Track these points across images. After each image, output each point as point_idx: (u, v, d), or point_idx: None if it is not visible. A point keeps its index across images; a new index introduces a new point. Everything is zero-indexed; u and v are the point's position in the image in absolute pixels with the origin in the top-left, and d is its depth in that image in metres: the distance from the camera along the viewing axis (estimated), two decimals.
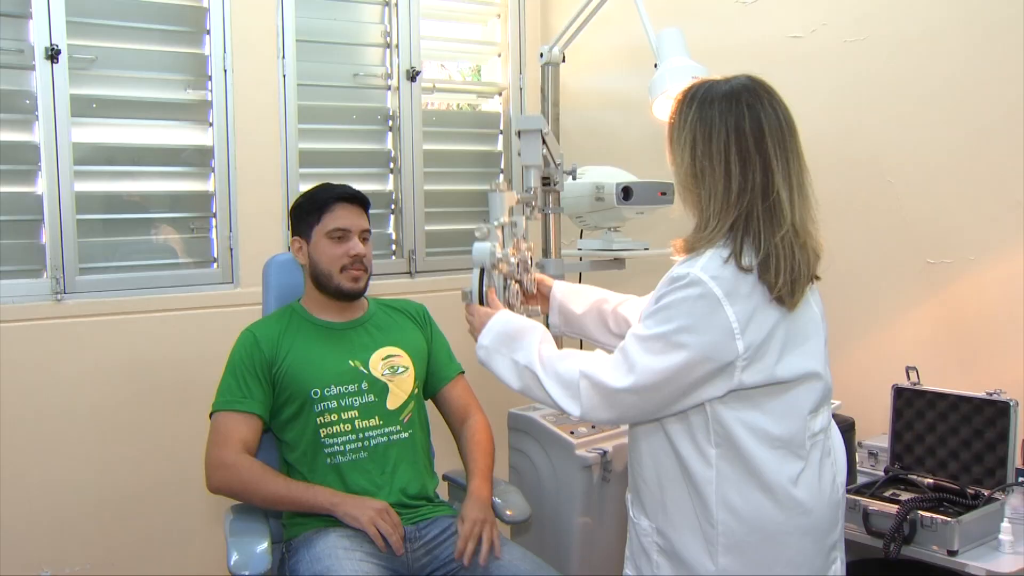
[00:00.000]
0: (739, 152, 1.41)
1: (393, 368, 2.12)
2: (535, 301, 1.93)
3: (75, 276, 2.45)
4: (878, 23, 2.36)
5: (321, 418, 2.02)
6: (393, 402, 2.09)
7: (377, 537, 1.89)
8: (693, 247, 1.45)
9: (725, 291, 1.37)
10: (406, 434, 2.09)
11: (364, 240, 2.12)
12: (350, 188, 2.14)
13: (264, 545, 1.88)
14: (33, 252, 2.43)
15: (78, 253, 2.46)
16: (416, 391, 2.16)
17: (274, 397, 2.05)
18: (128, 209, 2.59)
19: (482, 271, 1.75)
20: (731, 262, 1.40)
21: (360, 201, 2.13)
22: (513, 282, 1.85)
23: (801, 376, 1.43)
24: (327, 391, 2.03)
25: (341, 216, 2.09)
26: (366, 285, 2.14)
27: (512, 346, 1.58)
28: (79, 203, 2.46)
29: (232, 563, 1.83)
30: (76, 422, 2.44)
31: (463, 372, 2.28)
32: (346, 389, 2.05)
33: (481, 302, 1.72)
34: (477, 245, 1.75)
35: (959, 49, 2.21)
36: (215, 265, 2.69)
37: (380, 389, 2.09)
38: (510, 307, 1.78)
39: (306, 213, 2.12)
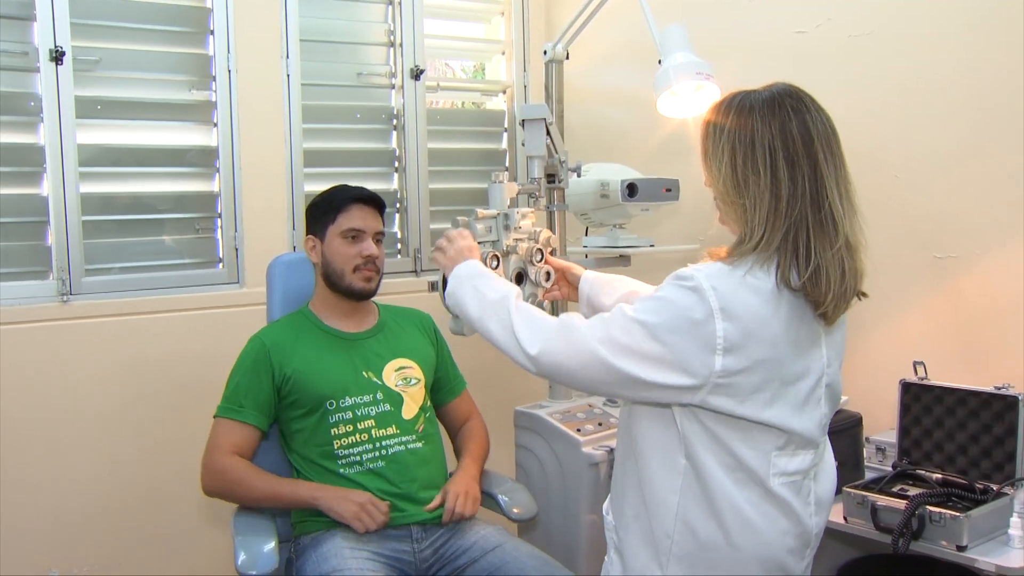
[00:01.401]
0: (786, 157, 1.33)
1: (406, 379, 2.13)
2: (554, 293, 1.92)
3: (81, 277, 2.45)
4: (883, 18, 2.35)
5: (335, 429, 2.02)
6: (407, 412, 2.10)
7: (361, 529, 1.91)
8: (732, 261, 1.38)
9: (722, 305, 1.31)
10: (420, 444, 2.09)
11: (378, 242, 2.14)
12: (367, 190, 2.16)
13: (271, 544, 1.88)
14: (39, 254, 2.43)
15: (84, 254, 2.46)
16: (427, 403, 2.17)
17: (282, 402, 2.05)
18: (133, 210, 2.59)
19: None
20: (759, 280, 1.34)
21: (376, 203, 2.15)
22: (538, 271, 1.87)
23: (764, 423, 1.37)
24: (342, 402, 2.04)
25: (356, 217, 2.10)
26: (377, 286, 2.15)
27: (484, 281, 1.57)
28: (84, 204, 2.46)
29: (239, 563, 1.83)
30: (82, 423, 2.45)
31: (465, 385, 2.32)
32: (361, 400, 2.06)
33: (444, 294, 1.72)
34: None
35: (965, 43, 2.20)
36: (220, 265, 2.69)
37: (395, 399, 2.09)
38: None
39: (322, 212, 2.13)
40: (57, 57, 2.38)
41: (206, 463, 2.01)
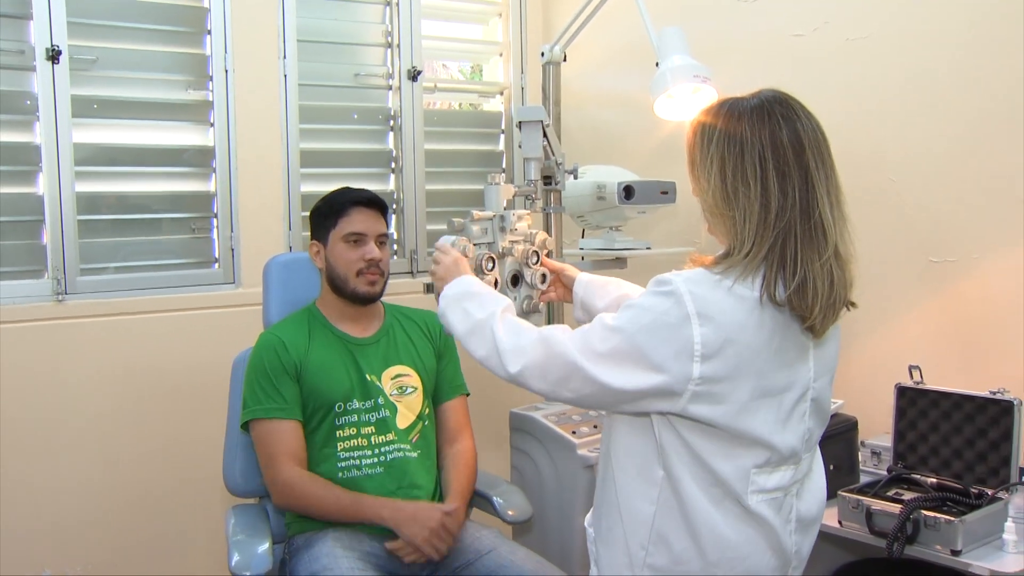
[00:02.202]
0: (777, 167, 1.30)
1: (401, 388, 2.12)
2: (549, 295, 1.89)
3: (76, 277, 2.45)
4: (880, 21, 2.35)
5: (340, 431, 2.02)
6: (402, 422, 2.09)
7: (433, 556, 1.89)
8: (717, 270, 1.34)
9: (699, 309, 1.28)
10: (415, 453, 2.07)
11: (381, 244, 2.12)
12: (368, 192, 2.14)
13: (265, 546, 1.88)
14: (34, 253, 2.42)
15: (79, 254, 2.45)
16: (427, 411, 2.15)
17: None
18: (129, 210, 2.58)
19: None
20: (744, 289, 1.30)
21: (378, 205, 2.14)
22: (534, 273, 1.85)
23: (745, 435, 1.34)
24: (349, 405, 2.04)
25: (357, 220, 2.09)
26: (383, 289, 2.13)
27: (473, 301, 1.52)
28: (80, 204, 2.46)
29: (233, 564, 1.83)
30: (77, 422, 2.44)
31: (467, 394, 2.27)
32: (365, 404, 2.05)
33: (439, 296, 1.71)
34: (440, 239, 1.76)
35: (962, 46, 2.20)
36: (216, 265, 2.69)
37: (391, 407, 2.09)
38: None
39: (323, 217, 2.12)
40: (53, 56, 2.37)
41: (270, 478, 1.98)
